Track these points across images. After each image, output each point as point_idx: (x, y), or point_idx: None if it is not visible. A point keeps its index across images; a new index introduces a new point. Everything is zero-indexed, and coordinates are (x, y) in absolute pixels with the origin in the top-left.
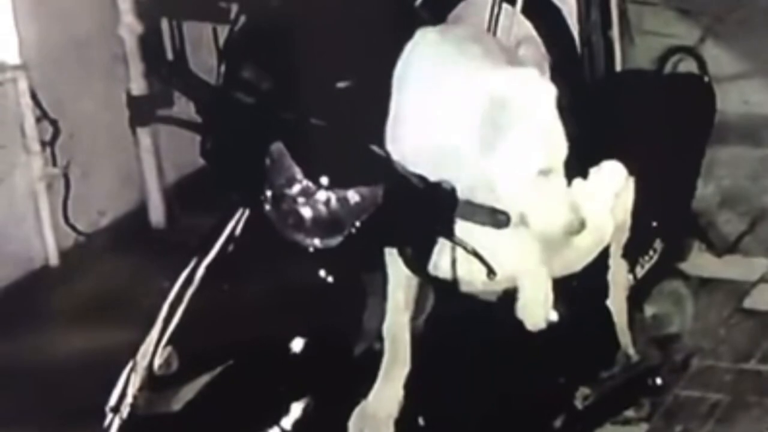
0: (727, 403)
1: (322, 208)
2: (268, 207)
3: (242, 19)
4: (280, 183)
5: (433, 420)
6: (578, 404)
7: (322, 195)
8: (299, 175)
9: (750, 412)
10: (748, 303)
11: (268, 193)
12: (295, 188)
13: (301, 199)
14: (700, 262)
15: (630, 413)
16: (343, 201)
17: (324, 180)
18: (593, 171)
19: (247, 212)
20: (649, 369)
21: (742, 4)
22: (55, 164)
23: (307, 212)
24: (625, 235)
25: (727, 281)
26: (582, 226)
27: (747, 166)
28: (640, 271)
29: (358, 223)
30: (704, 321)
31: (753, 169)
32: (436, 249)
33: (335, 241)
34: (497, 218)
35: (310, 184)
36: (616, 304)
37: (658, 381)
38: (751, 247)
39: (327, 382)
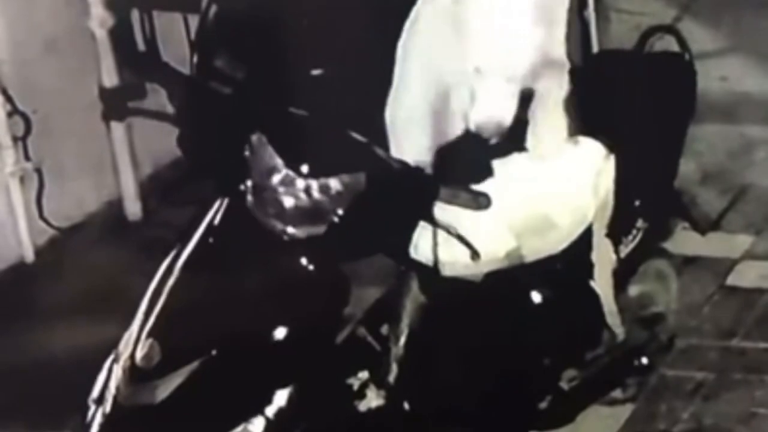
0: (712, 381)
1: (303, 196)
2: (249, 197)
3: (213, 7)
4: (260, 173)
5: (418, 404)
6: (564, 386)
7: (303, 184)
8: (280, 164)
9: (735, 389)
10: (731, 280)
11: (249, 183)
12: (276, 178)
13: (282, 189)
14: (683, 241)
15: (616, 394)
16: (324, 189)
17: (305, 168)
18: (569, 148)
19: (226, 202)
20: (634, 349)
21: None
22: (28, 159)
23: (288, 201)
24: (608, 214)
25: (711, 259)
26: None
27: (727, 143)
28: (623, 251)
29: (340, 211)
30: (688, 299)
31: (733, 146)
32: (416, 232)
33: (318, 229)
34: (478, 200)
35: (291, 173)
36: (603, 284)
37: (644, 361)
38: (733, 224)
39: (310, 370)
